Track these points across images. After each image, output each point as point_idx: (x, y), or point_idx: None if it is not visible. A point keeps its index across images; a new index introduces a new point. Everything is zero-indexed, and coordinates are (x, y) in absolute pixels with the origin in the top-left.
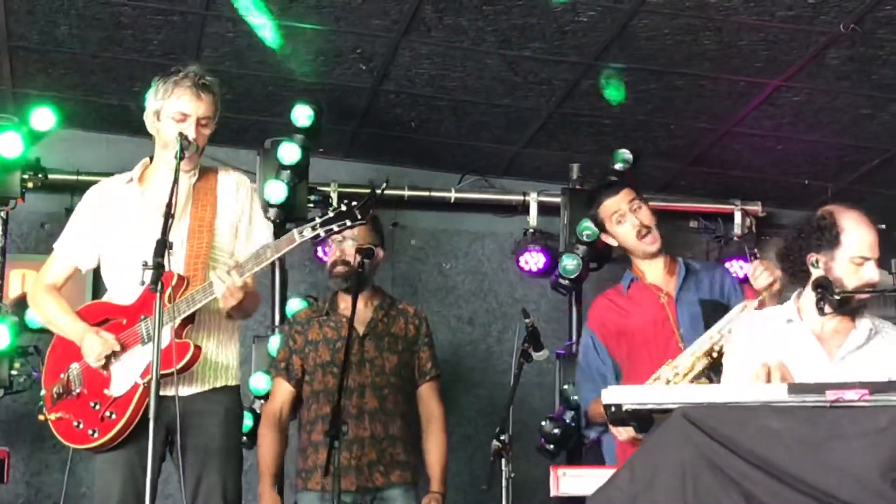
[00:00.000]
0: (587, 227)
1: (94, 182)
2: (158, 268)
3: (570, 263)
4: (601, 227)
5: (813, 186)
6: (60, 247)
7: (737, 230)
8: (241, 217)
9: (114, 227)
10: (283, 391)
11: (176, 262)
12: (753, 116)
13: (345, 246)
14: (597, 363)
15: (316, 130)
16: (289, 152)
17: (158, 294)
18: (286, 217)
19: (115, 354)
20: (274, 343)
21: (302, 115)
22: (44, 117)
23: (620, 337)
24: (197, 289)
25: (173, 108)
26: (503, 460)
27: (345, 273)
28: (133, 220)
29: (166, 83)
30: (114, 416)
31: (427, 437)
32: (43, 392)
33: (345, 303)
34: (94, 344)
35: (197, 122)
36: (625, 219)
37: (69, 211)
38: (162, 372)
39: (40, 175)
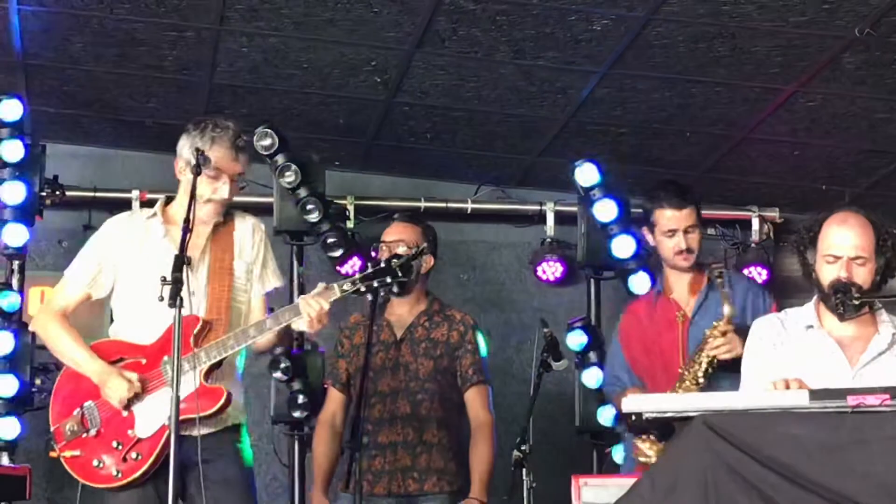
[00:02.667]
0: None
1: (112, 199)
2: (177, 283)
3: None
4: (649, 223)
5: (830, 191)
6: (74, 273)
7: (754, 236)
8: (256, 261)
9: (133, 261)
10: (333, 396)
11: (198, 306)
12: (769, 122)
13: (395, 250)
14: (625, 374)
15: None
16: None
17: (177, 311)
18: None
19: (136, 396)
20: None
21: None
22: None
23: (642, 354)
24: (229, 335)
25: (211, 165)
26: (524, 470)
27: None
28: (154, 258)
29: (204, 136)
30: (139, 458)
31: (471, 444)
32: (52, 428)
33: (394, 307)
34: (119, 386)
35: (230, 180)
36: (675, 236)
37: (87, 228)
38: (190, 416)
39: (58, 192)
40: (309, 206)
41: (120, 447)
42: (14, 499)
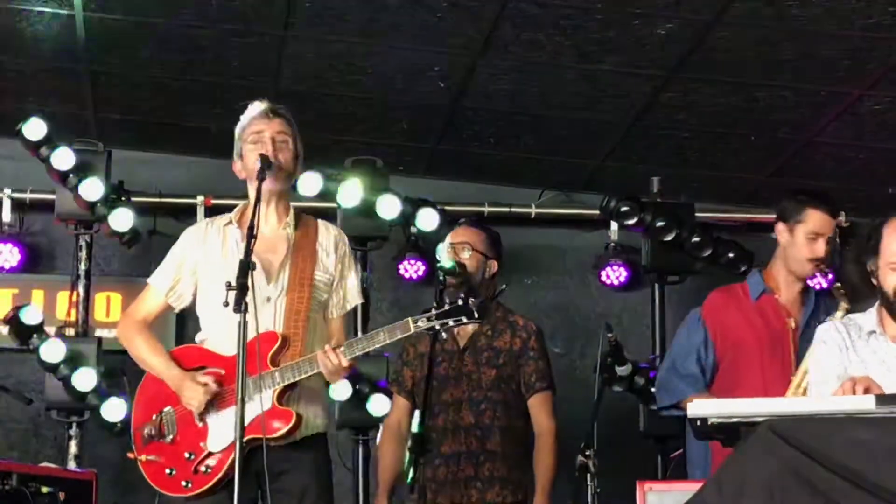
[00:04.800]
0: None
1: (177, 204)
2: (243, 289)
3: None
4: (784, 219)
5: None
6: (155, 283)
7: (831, 251)
8: (338, 275)
9: (212, 269)
10: (398, 403)
11: (276, 317)
12: (835, 126)
13: (461, 253)
14: (702, 357)
15: None
16: None
17: (242, 316)
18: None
19: (213, 405)
20: None
21: None
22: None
23: (734, 344)
24: (304, 359)
25: (248, 133)
26: (588, 475)
27: (456, 284)
28: (232, 266)
29: (241, 121)
30: (208, 471)
31: (535, 452)
32: (133, 430)
33: None
34: (194, 391)
35: (273, 141)
36: (818, 240)
37: (152, 233)
38: (257, 436)
39: (123, 198)
40: None
41: (192, 458)
42: (80, 503)
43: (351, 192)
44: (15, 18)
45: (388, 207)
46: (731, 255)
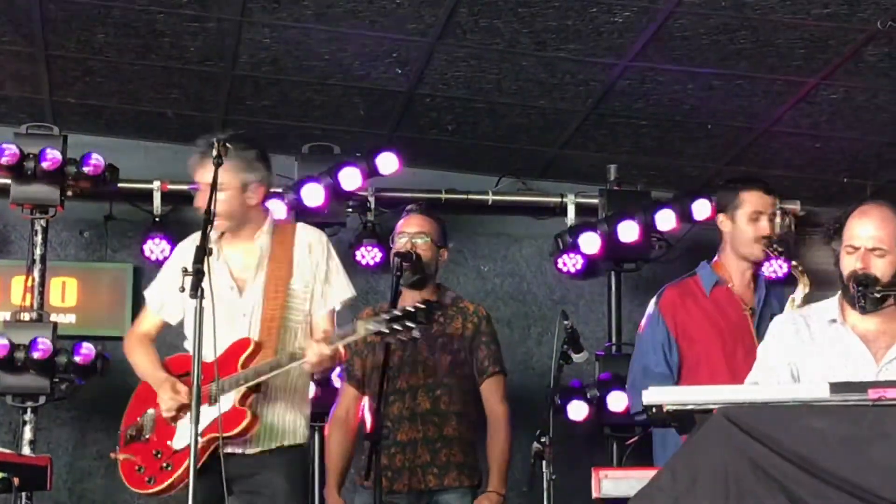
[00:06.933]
0: None
1: (133, 189)
2: (199, 273)
3: None
4: (723, 209)
5: (852, 184)
6: (150, 300)
7: (776, 229)
8: (317, 278)
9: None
10: (348, 393)
11: (252, 324)
12: (791, 115)
13: (417, 242)
14: (667, 355)
15: None
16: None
17: (198, 303)
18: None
19: (185, 408)
20: None
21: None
22: None
23: (696, 340)
24: (266, 362)
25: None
26: (544, 462)
27: (412, 268)
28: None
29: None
30: (170, 468)
31: (488, 437)
32: (120, 431)
33: (406, 301)
34: (165, 395)
35: (204, 190)
36: (760, 219)
37: (108, 218)
38: (214, 435)
39: (79, 182)
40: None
41: (159, 456)
42: (35, 488)
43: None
44: None
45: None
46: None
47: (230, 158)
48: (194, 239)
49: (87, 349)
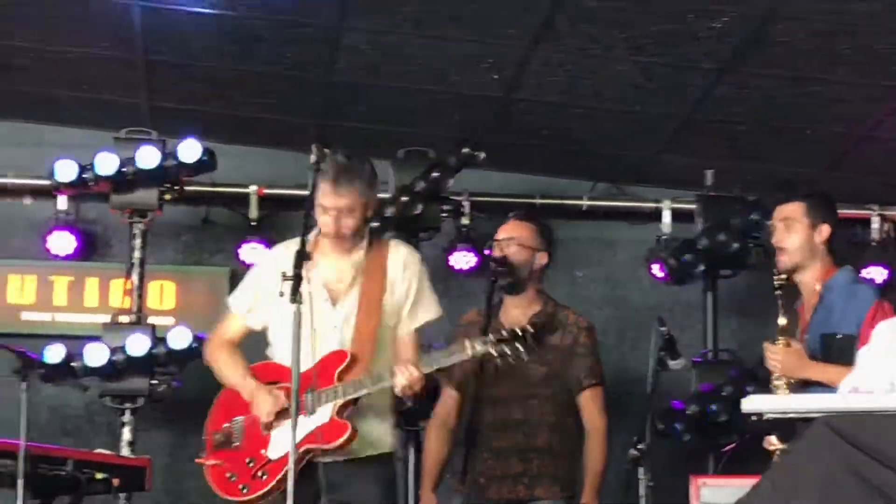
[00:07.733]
0: None
1: (229, 193)
2: (297, 279)
3: None
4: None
5: None
6: (235, 305)
7: (874, 235)
8: (408, 298)
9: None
10: (448, 395)
11: (343, 336)
12: (890, 121)
13: (507, 249)
14: None
15: None
16: None
17: (297, 307)
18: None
19: (279, 417)
20: None
21: None
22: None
23: None
24: (367, 375)
25: (318, 200)
26: (640, 469)
27: (504, 274)
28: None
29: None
30: (265, 477)
31: (585, 449)
32: (205, 436)
33: (508, 309)
34: (265, 401)
35: (338, 214)
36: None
37: (206, 222)
38: (314, 446)
39: (177, 187)
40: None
41: (252, 464)
42: (134, 489)
43: None
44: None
45: None
46: None
47: (358, 182)
48: (284, 245)
49: (181, 332)
